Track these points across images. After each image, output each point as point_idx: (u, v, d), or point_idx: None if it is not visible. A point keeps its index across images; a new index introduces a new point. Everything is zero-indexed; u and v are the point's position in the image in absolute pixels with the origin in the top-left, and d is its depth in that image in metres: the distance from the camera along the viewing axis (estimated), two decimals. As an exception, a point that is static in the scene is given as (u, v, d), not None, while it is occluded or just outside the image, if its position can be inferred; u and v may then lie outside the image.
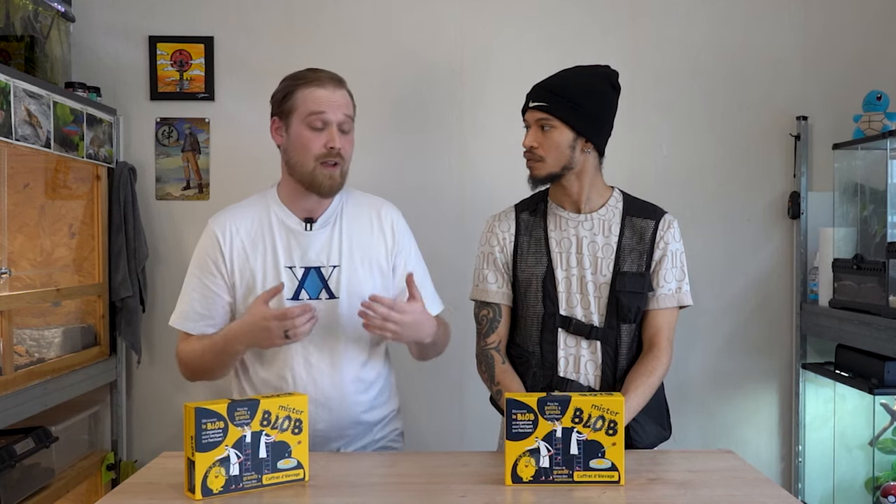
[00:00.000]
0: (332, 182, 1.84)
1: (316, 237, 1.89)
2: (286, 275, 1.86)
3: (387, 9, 3.03)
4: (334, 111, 1.83)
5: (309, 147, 1.83)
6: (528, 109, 1.92)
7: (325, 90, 1.84)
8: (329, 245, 1.89)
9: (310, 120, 1.83)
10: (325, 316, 1.86)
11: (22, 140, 2.29)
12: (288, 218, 1.90)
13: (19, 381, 2.33)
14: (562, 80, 1.92)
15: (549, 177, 1.91)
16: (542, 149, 1.89)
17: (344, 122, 1.85)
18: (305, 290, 1.87)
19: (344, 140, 1.85)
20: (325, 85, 1.85)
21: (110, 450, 2.96)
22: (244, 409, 1.51)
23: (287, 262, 1.87)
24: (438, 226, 2.99)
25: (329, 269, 1.88)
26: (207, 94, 2.99)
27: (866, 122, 2.79)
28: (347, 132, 1.87)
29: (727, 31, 3.05)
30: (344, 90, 1.89)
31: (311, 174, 1.84)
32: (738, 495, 1.51)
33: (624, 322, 1.91)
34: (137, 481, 1.62)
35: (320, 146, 1.82)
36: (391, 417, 2.04)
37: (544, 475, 1.56)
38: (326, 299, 1.87)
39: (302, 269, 1.87)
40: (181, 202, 3.01)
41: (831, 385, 3.01)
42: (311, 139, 1.83)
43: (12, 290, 2.52)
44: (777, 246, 3.07)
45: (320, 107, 1.82)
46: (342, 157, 1.84)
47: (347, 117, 1.86)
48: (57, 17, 2.76)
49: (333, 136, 1.82)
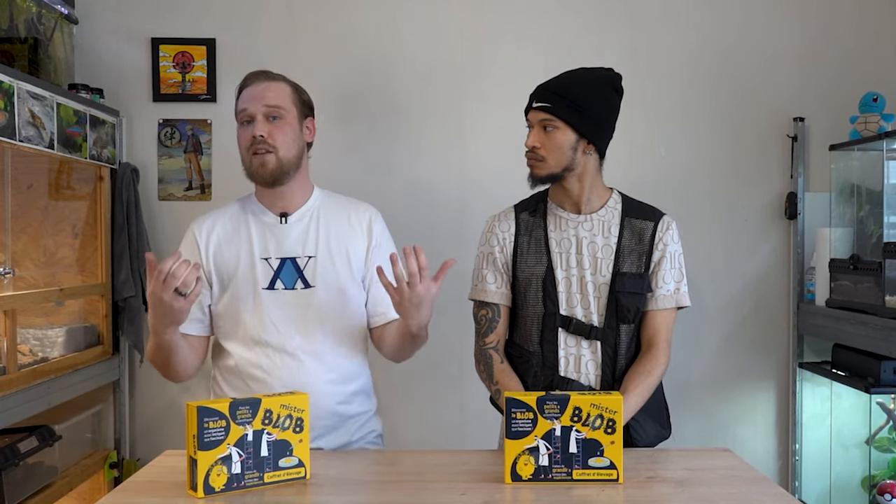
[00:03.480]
0: (263, 169, 1.89)
1: (291, 229, 1.94)
2: (261, 266, 1.91)
3: (387, 10, 3.04)
4: (255, 103, 1.90)
5: (241, 142, 1.93)
6: (531, 110, 1.93)
7: (250, 88, 1.93)
8: (305, 237, 1.94)
9: (240, 118, 1.94)
10: (301, 305, 1.90)
11: (26, 141, 2.31)
12: (263, 214, 1.96)
13: (23, 380, 2.35)
14: (565, 81, 1.93)
15: (550, 177, 1.92)
16: (544, 149, 1.90)
17: (270, 111, 1.90)
18: (281, 280, 1.91)
19: (272, 127, 1.89)
20: (250, 83, 1.94)
21: (113, 448, 2.98)
22: (246, 408, 1.53)
23: (262, 254, 1.92)
24: (438, 226, 3.01)
25: (304, 260, 1.92)
26: (209, 96, 3.01)
27: (863, 123, 2.81)
28: (278, 119, 1.90)
29: (724, 32, 3.06)
30: (273, 81, 1.94)
31: (249, 166, 1.92)
32: (736, 493, 1.52)
33: (623, 322, 1.92)
34: (140, 479, 1.63)
35: (248, 138, 1.90)
36: (369, 417, 2.03)
37: (543, 473, 1.57)
38: (302, 289, 1.91)
39: (277, 260, 1.92)
40: (183, 203, 3.03)
41: (828, 384, 3.02)
42: (241, 135, 1.93)
43: (16, 289, 2.53)
44: (774, 246, 3.09)
45: (243, 104, 1.92)
46: (269, 144, 1.88)
47: (273, 107, 1.90)
48: (60, 19, 2.77)
49: (256, 125, 1.89)
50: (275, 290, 1.90)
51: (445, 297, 2.11)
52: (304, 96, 1.99)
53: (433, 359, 3.04)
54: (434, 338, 2.98)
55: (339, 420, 1.95)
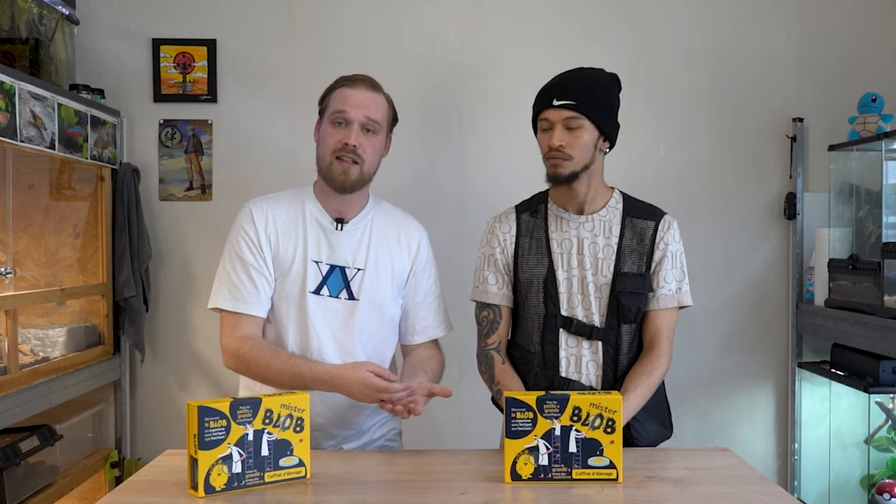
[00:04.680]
0: (344, 178, 1.87)
1: (346, 237, 1.93)
2: (312, 268, 1.89)
3: (388, 11, 3.05)
4: (356, 110, 1.87)
5: (328, 142, 1.89)
6: (551, 108, 1.88)
7: (354, 90, 1.89)
8: (357, 247, 1.93)
9: (334, 117, 1.89)
10: (342, 316, 1.90)
11: (27, 141, 2.31)
12: (321, 215, 1.93)
13: (24, 380, 2.35)
14: (585, 79, 1.91)
15: (572, 175, 1.89)
16: (570, 147, 1.87)
17: (368, 123, 1.88)
18: (327, 287, 1.90)
19: (365, 140, 1.88)
20: (355, 86, 1.90)
21: (114, 448, 2.98)
22: (246, 408, 1.53)
23: (315, 257, 1.90)
24: (438, 226, 3.00)
25: (353, 271, 1.91)
26: (210, 96, 3.01)
27: (861, 123, 2.82)
28: (372, 133, 1.89)
29: (723, 33, 3.07)
30: (376, 94, 1.92)
31: (328, 168, 1.88)
32: (735, 493, 1.53)
33: (624, 322, 1.92)
34: (141, 479, 1.63)
35: (337, 141, 1.87)
36: (390, 416, 2.06)
37: (543, 473, 1.58)
38: (346, 299, 1.91)
39: (328, 266, 1.90)
40: (184, 203, 3.03)
41: (827, 384, 3.03)
42: (331, 134, 1.88)
43: (17, 289, 2.54)
44: (773, 246, 3.10)
45: (343, 105, 1.88)
46: (358, 155, 1.86)
47: (372, 120, 1.89)
48: (61, 19, 2.78)
49: (351, 132, 1.86)
50: (320, 296, 1.89)
51: (445, 297, 2.12)
52: (394, 112, 1.99)
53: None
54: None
55: (365, 427, 1.99)
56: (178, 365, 3.05)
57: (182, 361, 3.05)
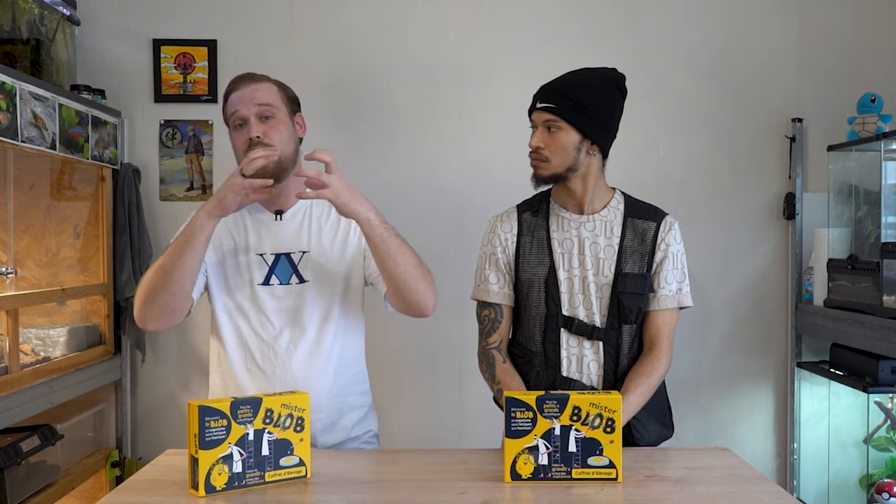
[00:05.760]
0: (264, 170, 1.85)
1: (286, 226, 1.96)
2: (256, 261, 1.93)
3: (388, 12, 3.05)
4: (246, 105, 1.89)
5: (237, 145, 1.92)
6: (535, 110, 1.92)
7: (239, 91, 1.92)
8: (299, 233, 1.96)
9: (232, 121, 1.93)
10: (296, 299, 1.92)
11: (28, 142, 2.32)
12: (259, 211, 1.98)
13: (25, 380, 2.36)
14: (570, 81, 1.92)
15: (553, 177, 1.91)
16: (548, 150, 1.89)
17: (262, 111, 1.90)
18: (276, 276, 1.93)
19: (267, 127, 1.90)
20: (238, 86, 1.93)
21: (115, 447, 2.99)
22: (247, 408, 1.54)
23: (258, 250, 1.94)
24: (438, 226, 3.02)
25: (298, 255, 1.94)
26: (211, 97, 3.02)
27: (860, 124, 2.82)
28: (271, 118, 1.91)
29: (723, 33, 3.07)
30: (260, 83, 1.94)
31: None
32: (734, 492, 1.53)
33: (625, 323, 1.92)
34: (142, 478, 1.64)
35: (244, 141, 1.90)
36: (364, 413, 2.04)
37: (543, 472, 1.58)
38: (297, 283, 1.93)
39: (272, 256, 1.94)
40: (185, 203, 3.04)
41: (826, 383, 3.04)
42: (236, 138, 1.92)
43: (18, 289, 2.55)
44: (772, 246, 3.10)
45: (235, 107, 1.91)
46: (264, 143, 1.88)
47: (264, 105, 1.90)
48: (62, 20, 2.79)
49: (251, 127, 1.88)
50: (269, 286, 1.93)
51: (446, 297, 2.12)
52: (289, 93, 1.99)
53: (433, 359, 3.06)
54: (434, 338, 3.02)
55: (333, 414, 1.95)
56: (179, 365, 3.06)
57: (183, 361, 3.06)
